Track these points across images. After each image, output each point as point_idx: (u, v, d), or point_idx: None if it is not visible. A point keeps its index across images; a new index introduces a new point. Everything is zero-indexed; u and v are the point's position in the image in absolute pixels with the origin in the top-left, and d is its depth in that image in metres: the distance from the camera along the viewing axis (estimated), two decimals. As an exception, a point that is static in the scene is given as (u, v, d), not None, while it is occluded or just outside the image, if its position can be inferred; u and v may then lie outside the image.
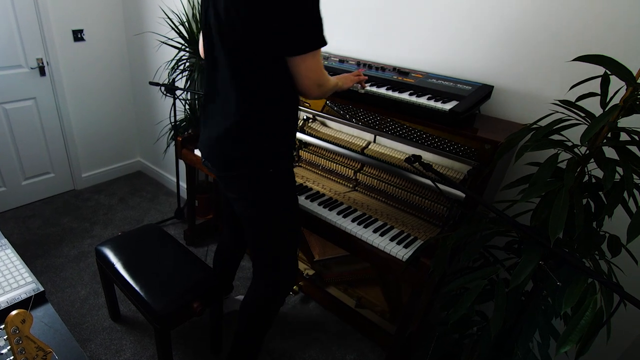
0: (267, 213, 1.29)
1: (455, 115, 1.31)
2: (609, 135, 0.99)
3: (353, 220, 1.48)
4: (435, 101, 1.38)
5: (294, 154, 1.31)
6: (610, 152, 1.01)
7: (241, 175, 1.22)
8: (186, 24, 2.24)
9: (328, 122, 1.79)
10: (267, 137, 1.18)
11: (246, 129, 1.16)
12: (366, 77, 1.51)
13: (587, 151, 1.00)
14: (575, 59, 0.95)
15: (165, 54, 2.51)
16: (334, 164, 1.78)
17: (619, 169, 0.94)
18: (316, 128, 1.79)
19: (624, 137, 1.00)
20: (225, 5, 1.04)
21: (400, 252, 1.33)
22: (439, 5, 1.54)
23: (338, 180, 1.79)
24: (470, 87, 1.44)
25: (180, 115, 2.55)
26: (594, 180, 1.08)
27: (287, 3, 0.98)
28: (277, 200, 1.28)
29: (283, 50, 1.05)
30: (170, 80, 2.31)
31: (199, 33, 1.29)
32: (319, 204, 1.56)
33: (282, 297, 1.50)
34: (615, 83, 0.96)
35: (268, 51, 1.06)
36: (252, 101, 1.14)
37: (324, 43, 1.06)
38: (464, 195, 1.34)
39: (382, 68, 1.64)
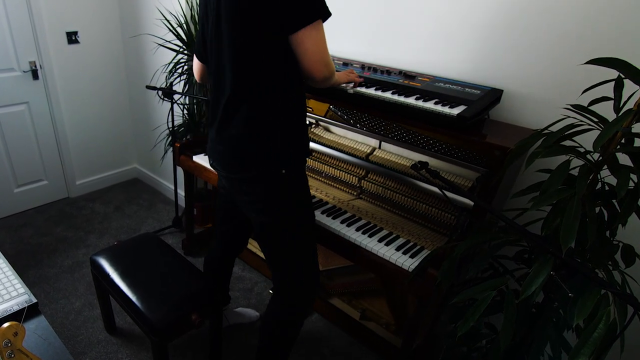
0: (280, 218, 1.26)
1: (463, 120, 1.29)
2: (623, 141, 0.98)
3: (357, 229, 1.44)
4: (442, 106, 1.36)
5: (307, 156, 1.29)
6: (624, 159, 0.99)
7: (253, 177, 1.20)
8: (184, 25, 2.20)
9: (332, 128, 1.76)
10: (279, 134, 1.17)
11: (257, 127, 1.15)
12: (361, 78, 1.50)
13: (600, 158, 0.98)
14: (587, 62, 0.93)
15: (162, 57, 2.48)
16: (338, 171, 1.74)
17: (633, 176, 0.92)
18: (319, 134, 1.76)
19: (638, 142, 0.99)
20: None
21: (407, 263, 1.29)
22: (447, 7, 1.52)
23: (342, 187, 1.76)
24: (479, 92, 1.41)
25: (179, 121, 2.51)
26: (607, 188, 1.06)
27: None
28: (290, 205, 1.25)
29: (288, 26, 1.02)
30: (168, 84, 2.28)
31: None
32: (322, 212, 1.53)
33: (303, 311, 1.44)
34: (629, 87, 0.95)
35: (273, 32, 1.04)
36: (262, 99, 1.13)
37: (328, 13, 1.04)
38: (472, 203, 1.32)
39: (388, 71, 1.61)
